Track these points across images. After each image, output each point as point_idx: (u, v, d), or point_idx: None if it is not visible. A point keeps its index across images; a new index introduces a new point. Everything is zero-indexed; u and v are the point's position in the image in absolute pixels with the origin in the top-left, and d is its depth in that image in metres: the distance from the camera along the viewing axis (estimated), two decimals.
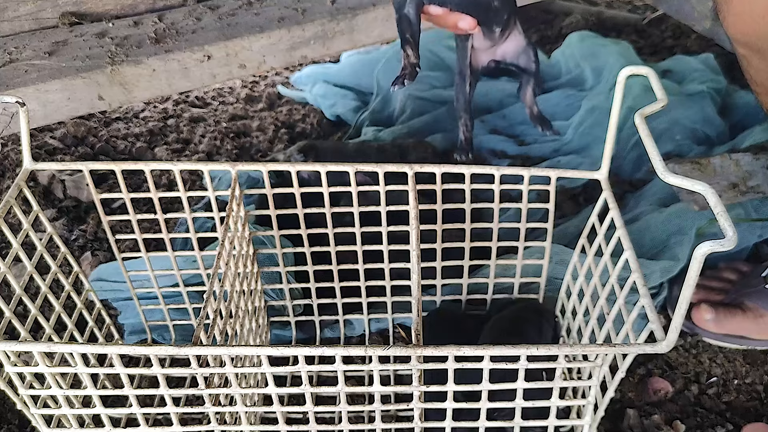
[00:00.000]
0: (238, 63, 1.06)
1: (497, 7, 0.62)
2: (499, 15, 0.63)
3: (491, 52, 0.70)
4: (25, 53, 1.03)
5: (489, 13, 0.61)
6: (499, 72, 0.78)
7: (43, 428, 0.63)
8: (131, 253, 0.89)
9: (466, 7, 0.61)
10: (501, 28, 0.64)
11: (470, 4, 0.59)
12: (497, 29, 0.65)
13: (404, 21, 0.57)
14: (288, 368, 0.56)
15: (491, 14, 0.62)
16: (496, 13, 0.62)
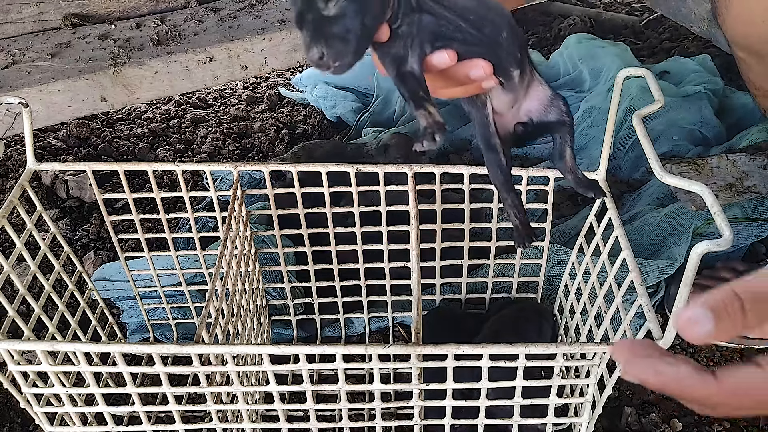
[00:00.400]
0: (240, 64, 1.06)
1: (508, 41, 0.48)
2: (511, 51, 0.49)
3: (514, 112, 0.54)
4: (29, 55, 1.04)
5: (500, 51, 0.48)
6: (529, 136, 0.57)
7: (46, 426, 0.63)
8: (134, 253, 0.90)
9: (474, 46, 0.46)
10: (519, 70, 0.50)
11: (478, 41, 0.46)
12: (515, 72, 0.50)
13: (410, 79, 0.46)
14: (289, 366, 0.57)
15: (503, 52, 0.48)
16: (508, 50, 0.48)
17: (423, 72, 0.47)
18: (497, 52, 0.48)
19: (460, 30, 0.46)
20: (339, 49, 0.41)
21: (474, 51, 0.47)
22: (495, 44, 0.47)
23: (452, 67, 0.46)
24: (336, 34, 0.41)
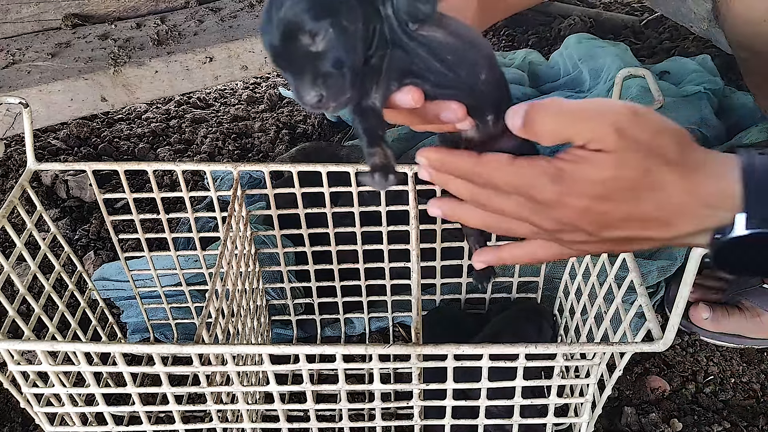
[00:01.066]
0: (240, 64, 1.06)
1: (486, 83, 0.42)
2: (488, 94, 0.43)
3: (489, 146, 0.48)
4: (28, 55, 1.04)
5: (475, 94, 0.42)
6: None
7: (46, 426, 0.63)
8: (134, 253, 0.90)
9: (447, 88, 0.41)
10: (494, 115, 0.44)
11: (452, 83, 0.41)
12: (489, 116, 0.44)
13: (369, 114, 0.40)
14: (289, 366, 0.57)
15: (478, 95, 0.43)
16: (484, 93, 0.43)
17: (383, 108, 0.42)
18: (472, 94, 0.43)
19: (433, 71, 0.40)
20: (337, 86, 0.37)
21: (447, 93, 0.42)
22: (471, 87, 0.42)
23: (424, 106, 0.42)
24: (330, 71, 0.36)
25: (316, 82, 0.36)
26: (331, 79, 0.36)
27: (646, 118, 0.40)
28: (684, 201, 0.40)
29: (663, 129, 0.40)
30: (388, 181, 0.39)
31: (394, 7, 0.38)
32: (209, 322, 0.60)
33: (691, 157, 0.41)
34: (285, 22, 0.35)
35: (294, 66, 0.36)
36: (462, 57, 0.41)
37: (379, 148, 0.40)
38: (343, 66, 0.36)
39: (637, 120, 0.39)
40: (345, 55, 0.36)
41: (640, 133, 0.39)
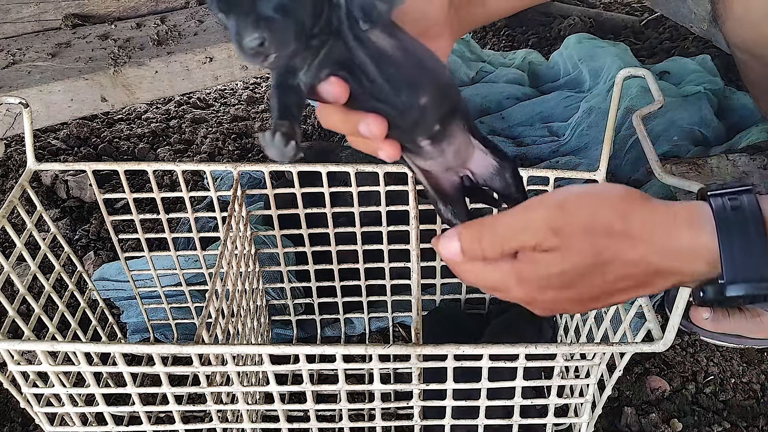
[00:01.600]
0: (240, 65, 1.06)
1: (425, 109, 0.39)
2: (425, 120, 0.40)
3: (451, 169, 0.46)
4: (28, 55, 1.04)
5: (408, 118, 0.39)
6: (476, 192, 0.49)
7: (46, 426, 0.63)
8: (134, 253, 0.90)
9: (380, 101, 0.38)
10: (430, 140, 0.41)
11: (385, 99, 0.38)
12: (423, 142, 0.41)
13: (289, 91, 0.38)
14: (289, 366, 0.57)
15: (411, 120, 0.40)
16: (421, 119, 0.40)
17: (305, 96, 0.39)
18: (405, 117, 0.39)
19: (370, 78, 0.38)
20: (282, 32, 0.34)
21: (378, 107, 0.39)
22: (406, 109, 0.39)
23: (348, 112, 0.39)
24: (275, 16, 0.34)
25: (258, 25, 0.34)
26: (275, 24, 0.34)
27: (576, 205, 0.41)
28: (651, 262, 0.41)
29: (598, 206, 0.41)
30: (287, 148, 0.36)
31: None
32: (209, 322, 0.60)
33: (642, 219, 0.41)
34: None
35: (238, 8, 0.34)
36: (404, 75, 0.39)
37: (288, 122, 0.37)
38: (289, 14, 0.34)
39: (565, 212, 0.41)
40: (292, 3, 0.34)
41: (575, 222, 0.40)
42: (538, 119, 1.27)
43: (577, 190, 0.42)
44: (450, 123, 0.42)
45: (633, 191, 0.42)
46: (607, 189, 0.43)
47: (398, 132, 0.41)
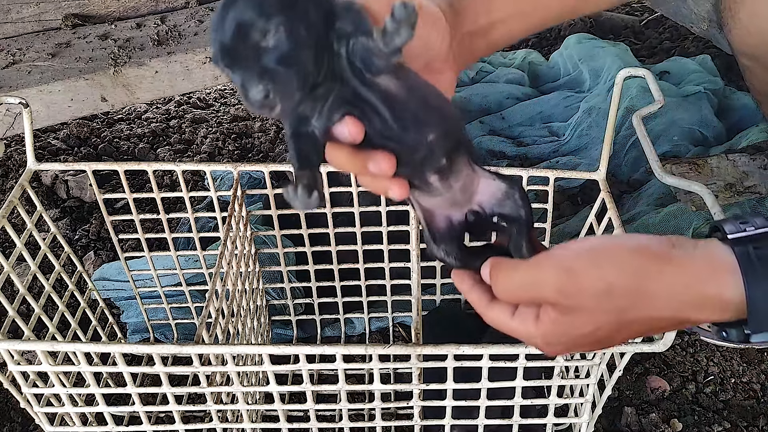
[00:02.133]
0: None
1: (433, 145, 0.40)
2: (433, 156, 0.41)
3: (462, 203, 0.46)
4: (29, 55, 1.04)
5: (416, 155, 0.40)
6: (484, 226, 0.48)
7: (46, 426, 0.63)
8: (134, 253, 0.90)
9: (389, 139, 0.39)
10: (438, 176, 0.42)
11: (393, 136, 0.39)
12: (432, 177, 0.42)
13: (305, 139, 0.39)
14: (289, 366, 0.57)
15: (420, 156, 0.40)
16: (429, 155, 0.41)
17: (324, 141, 0.40)
18: (413, 154, 0.40)
19: (379, 117, 0.39)
20: (285, 83, 0.35)
21: (386, 144, 0.40)
22: (414, 146, 0.40)
23: (356, 151, 0.39)
24: (279, 67, 0.35)
25: (263, 77, 0.35)
26: (279, 75, 0.35)
27: (585, 269, 0.40)
28: (675, 316, 0.40)
29: (609, 269, 0.40)
30: (311, 199, 0.37)
31: (348, 50, 0.37)
32: (209, 322, 0.60)
33: (660, 277, 0.39)
34: (237, 19, 0.35)
35: (242, 63, 0.35)
36: (411, 113, 0.39)
37: (309, 171, 0.38)
38: (291, 65, 0.35)
39: (575, 278, 0.40)
40: (295, 53, 0.35)
41: (587, 288, 0.40)
42: (538, 119, 1.27)
43: (586, 248, 0.41)
44: (456, 156, 0.43)
45: (645, 245, 0.40)
46: (616, 247, 0.41)
47: (407, 169, 0.41)
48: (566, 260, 0.40)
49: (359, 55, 0.37)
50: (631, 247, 0.40)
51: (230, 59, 0.35)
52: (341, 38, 0.37)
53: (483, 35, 0.52)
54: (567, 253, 0.41)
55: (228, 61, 0.36)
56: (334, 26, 0.37)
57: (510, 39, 0.55)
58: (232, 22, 0.35)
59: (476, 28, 0.51)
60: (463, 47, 0.51)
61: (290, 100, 0.36)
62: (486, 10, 0.51)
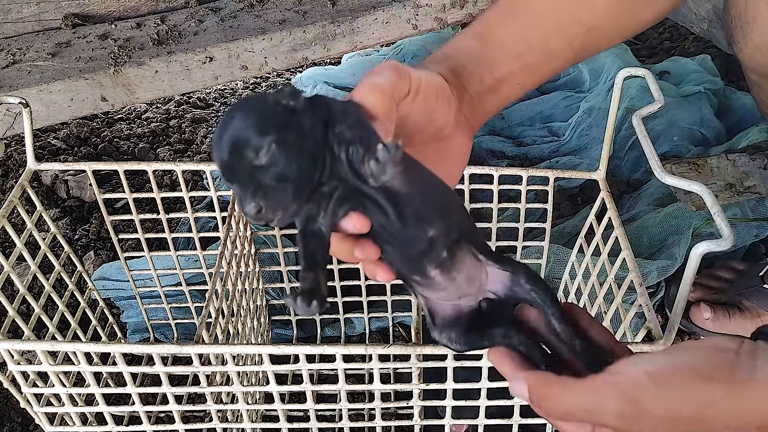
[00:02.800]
0: (240, 64, 1.06)
1: (433, 241, 0.40)
2: (434, 250, 0.41)
3: (474, 293, 0.44)
4: (29, 54, 1.04)
5: (413, 250, 0.41)
6: (498, 312, 0.45)
7: (46, 426, 0.63)
8: (134, 253, 0.90)
9: (388, 233, 0.40)
10: (438, 268, 0.41)
11: (390, 230, 0.40)
12: (433, 271, 0.41)
13: (312, 239, 0.40)
14: (289, 366, 0.57)
15: (416, 251, 0.41)
16: (428, 249, 0.41)
17: (329, 238, 0.40)
18: (411, 248, 0.40)
19: (382, 210, 0.39)
20: (277, 198, 0.37)
21: (386, 237, 0.40)
22: (412, 241, 0.40)
23: (344, 238, 0.40)
24: (270, 184, 0.37)
25: (256, 194, 0.36)
26: (271, 191, 0.37)
27: (653, 399, 0.38)
28: (736, 428, 0.39)
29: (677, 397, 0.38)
30: (311, 308, 0.38)
31: (348, 156, 0.38)
32: (209, 322, 0.60)
33: (721, 403, 0.38)
34: (232, 137, 0.37)
35: (239, 179, 0.37)
36: (413, 210, 0.40)
37: (313, 273, 0.39)
38: (286, 180, 0.37)
39: (641, 407, 0.38)
40: (287, 169, 0.37)
41: (653, 415, 0.38)
42: (538, 119, 1.27)
43: (650, 373, 0.39)
44: (458, 249, 0.42)
45: (710, 371, 0.39)
46: (683, 376, 0.39)
47: (405, 260, 0.42)
48: (630, 389, 0.38)
49: (356, 163, 0.38)
50: (698, 373, 0.39)
51: (228, 175, 0.37)
52: (341, 143, 0.38)
53: (493, 92, 0.52)
54: (628, 381, 0.39)
55: (227, 176, 0.38)
56: (334, 130, 0.38)
57: (522, 91, 0.55)
58: (228, 140, 0.37)
59: (484, 87, 0.51)
60: (473, 108, 0.51)
61: (287, 211, 0.38)
62: (489, 70, 0.51)
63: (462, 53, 0.51)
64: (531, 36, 0.53)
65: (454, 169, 0.51)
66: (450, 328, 0.44)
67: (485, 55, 0.51)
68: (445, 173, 0.45)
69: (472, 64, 0.50)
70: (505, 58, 0.52)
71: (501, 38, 0.52)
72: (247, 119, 0.37)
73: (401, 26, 1.12)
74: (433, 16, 1.14)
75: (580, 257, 0.77)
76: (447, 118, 0.47)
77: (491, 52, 0.52)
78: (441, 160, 0.48)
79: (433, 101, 0.45)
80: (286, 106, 0.38)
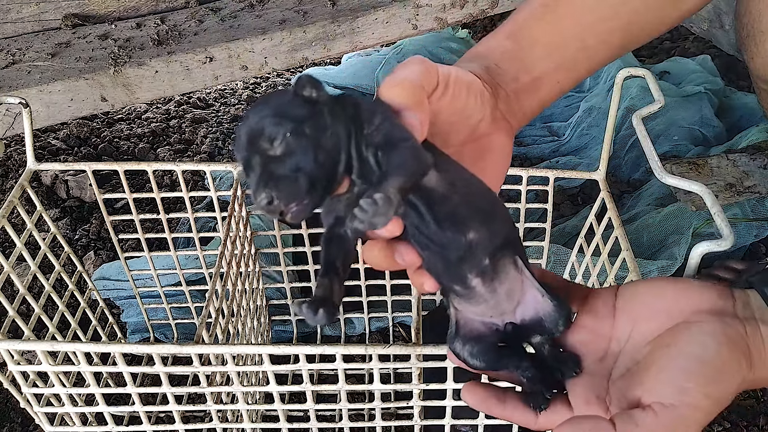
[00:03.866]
0: (240, 64, 1.06)
1: (472, 245, 0.38)
2: (473, 256, 0.39)
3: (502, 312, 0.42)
4: (29, 55, 1.04)
5: (451, 254, 0.39)
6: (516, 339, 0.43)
7: (46, 426, 0.63)
8: (134, 253, 0.90)
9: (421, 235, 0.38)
10: (480, 279, 0.40)
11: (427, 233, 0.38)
12: (473, 280, 0.40)
13: (335, 243, 0.38)
14: (289, 366, 0.57)
15: (456, 255, 0.39)
16: (467, 254, 0.39)
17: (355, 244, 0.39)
18: (447, 253, 0.39)
19: (419, 214, 0.38)
20: (290, 190, 0.35)
21: (418, 239, 0.39)
22: (450, 243, 0.38)
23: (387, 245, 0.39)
24: (284, 174, 0.35)
25: (268, 184, 0.35)
26: (283, 182, 0.35)
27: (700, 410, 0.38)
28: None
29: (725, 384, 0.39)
30: (318, 316, 0.36)
31: (376, 159, 0.37)
32: (209, 322, 0.60)
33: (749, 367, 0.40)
34: (249, 129, 0.36)
35: (254, 170, 0.36)
36: (449, 211, 0.38)
37: (328, 280, 0.38)
38: (299, 171, 0.35)
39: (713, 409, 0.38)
40: (303, 161, 0.36)
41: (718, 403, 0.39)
42: (538, 119, 1.27)
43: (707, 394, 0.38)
44: (501, 258, 0.40)
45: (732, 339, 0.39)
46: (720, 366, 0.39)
47: (445, 267, 0.40)
48: (697, 419, 0.38)
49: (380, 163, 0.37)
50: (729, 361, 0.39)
51: (247, 168, 0.36)
52: (369, 145, 0.37)
53: (530, 91, 0.50)
54: (691, 411, 0.38)
55: (245, 168, 0.37)
56: (363, 131, 0.37)
57: (561, 91, 0.53)
58: (245, 131, 0.36)
59: (520, 86, 0.49)
60: (510, 105, 0.49)
61: (300, 203, 0.36)
62: (524, 68, 0.49)
63: (494, 52, 0.50)
64: (566, 32, 0.51)
65: (496, 171, 0.48)
66: (473, 342, 0.43)
67: (519, 53, 0.50)
68: (486, 174, 0.43)
69: (505, 62, 0.49)
70: (539, 55, 0.50)
71: (534, 36, 0.51)
72: (265, 110, 0.36)
73: (401, 26, 1.12)
74: (434, 16, 1.14)
75: (580, 257, 0.77)
76: (481, 115, 0.45)
77: (525, 49, 0.50)
78: (480, 161, 0.46)
79: (465, 96, 0.43)
80: (307, 98, 0.37)
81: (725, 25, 1.27)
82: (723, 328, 0.40)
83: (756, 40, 0.69)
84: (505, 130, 0.48)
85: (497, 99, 0.47)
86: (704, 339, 0.39)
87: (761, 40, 0.68)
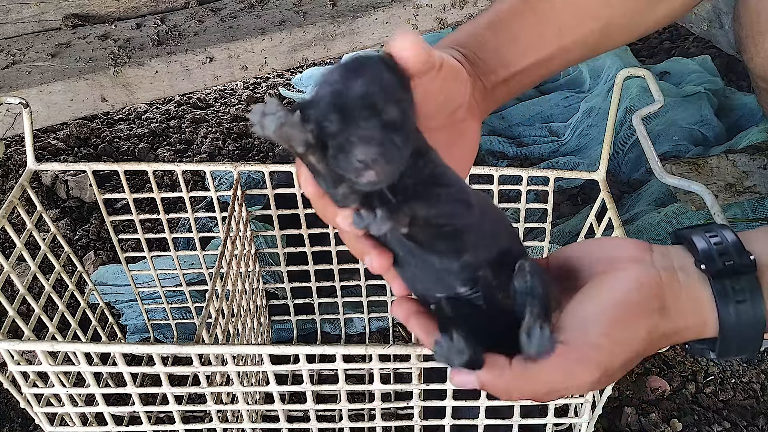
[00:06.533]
0: (240, 65, 1.06)
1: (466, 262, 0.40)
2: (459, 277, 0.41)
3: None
4: (29, 55, 1.04)
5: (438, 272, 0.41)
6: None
7: (46, 426, 0.63)
8: (134, 253, 0.90)
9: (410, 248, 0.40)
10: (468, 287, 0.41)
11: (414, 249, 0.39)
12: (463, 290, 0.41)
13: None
14: (289, 366, 0.57)
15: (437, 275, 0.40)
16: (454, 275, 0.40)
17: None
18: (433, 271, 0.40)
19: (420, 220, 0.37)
20: (394, 150, 0.35)
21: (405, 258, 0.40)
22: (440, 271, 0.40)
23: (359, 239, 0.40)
24: (390, 138, 0.35)
25: (371, 142, 0.34)
26: (386, 145, 0.35)
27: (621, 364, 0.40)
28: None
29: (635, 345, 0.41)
30: (377, 219, 0.36)
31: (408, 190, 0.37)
32: (209, 322, 0.60)
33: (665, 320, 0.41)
34: (367, 83, 0.36)
35: (353, 123, 0.35)
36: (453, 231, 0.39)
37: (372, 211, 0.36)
38: (402, 136, 0.35)
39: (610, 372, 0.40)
40: (407, 126, 0.36)
41: (619, 366, 0.41)
42: (538, 119, 1.27)
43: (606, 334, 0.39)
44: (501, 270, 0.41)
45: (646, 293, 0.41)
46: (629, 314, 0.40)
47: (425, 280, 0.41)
48: (596, 359, 0.39)
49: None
50: (638, 312, 0.41)
51: (341, 116, 0.35)
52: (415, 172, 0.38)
53: (504, 84, 0.52)
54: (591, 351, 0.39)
55: (338, 117, 0.35)
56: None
57: (532, 84, 0.55)
58: (362, 81, 0.36)
59: (497, 78, 0.51)
60: (484, 95, 0.51)
61: (395, 163, 0.35)
62: (503, 63, 0.51)
63: (474, 41, 0.51)
64: (546, 31, 0.53)
65: (468, 154, 0.50)
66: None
67: (499, 48, 0.51)
68: (459, 158, 0.45)
69: (485, 53, 0.50)
70: (519, 52, 0.52)
71: (514, 31, 0.52)
72: (371, 83, 0.36)
73: (401, 26, 1.12)
74: (433, 16, 1.14)
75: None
76: (462, 101, 0.47)
77: (505, 45, 0.51)
78: (453, 146, 0.47)
79: (453, 81, 0.45)
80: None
81: (725, 25, 1.27)
82: (636, 273, 0.42)
83: (755, 41, 0.69)
84: (477, 117, 0.50)
85: (474, 88, 0.49)
86: (615, 283, 0.41)
87: (760, 40, 0.68)
